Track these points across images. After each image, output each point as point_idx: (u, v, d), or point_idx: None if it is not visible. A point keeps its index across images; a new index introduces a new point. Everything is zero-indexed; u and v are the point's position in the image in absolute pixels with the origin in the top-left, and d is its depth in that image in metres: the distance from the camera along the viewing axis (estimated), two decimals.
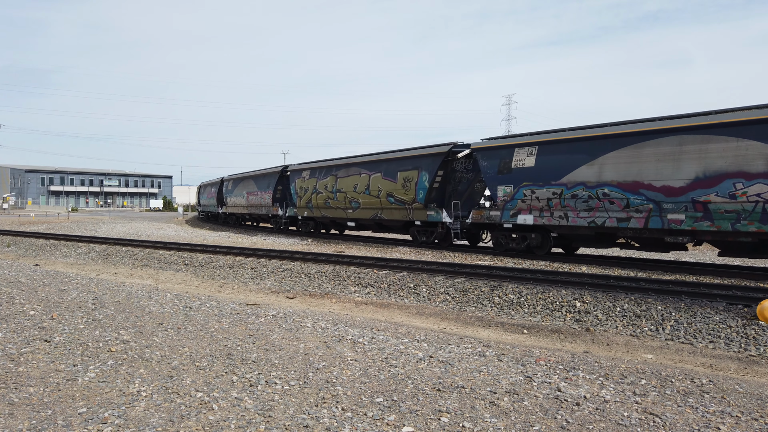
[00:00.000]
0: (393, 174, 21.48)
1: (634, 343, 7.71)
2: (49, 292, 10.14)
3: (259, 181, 33.77)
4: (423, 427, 4.09)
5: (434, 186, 19.58)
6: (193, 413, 4.26)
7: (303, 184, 27.60)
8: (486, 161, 17.81)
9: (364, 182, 23.02)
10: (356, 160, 24.10)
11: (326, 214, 25.80)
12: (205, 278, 14.46)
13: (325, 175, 25.80)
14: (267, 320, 7.93)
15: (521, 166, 16.56)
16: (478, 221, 17.99)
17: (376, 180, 22.34)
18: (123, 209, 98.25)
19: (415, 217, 20.38)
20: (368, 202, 22.70)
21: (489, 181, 17.67)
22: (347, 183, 24.04)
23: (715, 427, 4.17)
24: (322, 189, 25.71)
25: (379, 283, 12.12)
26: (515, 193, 16.66)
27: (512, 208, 16.70)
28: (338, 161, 25.38)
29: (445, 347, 6.57)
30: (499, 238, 17.52)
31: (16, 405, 4.42)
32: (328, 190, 25.29)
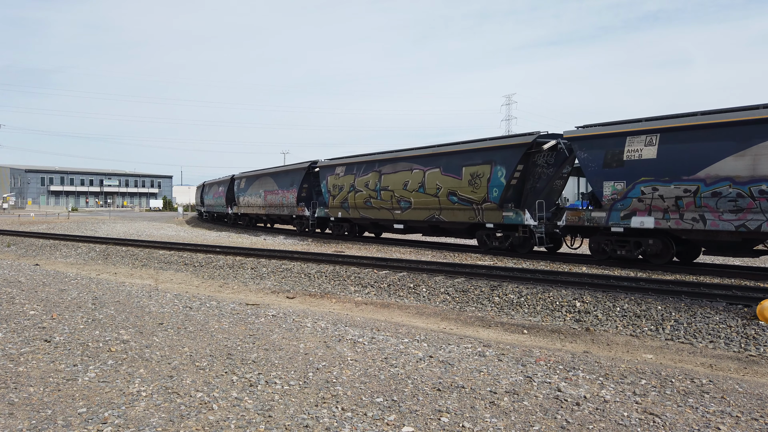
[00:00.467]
0: (456, 169, 18.62)
1: (634, 343, 7.71)
2: (49, 292, 10.14)
3: (280, 179, 30.65)
4: (423, 427, 4.09)
5: (512, 183, 17.00)
6: (193, 413, 4.26)
7: (337, 181, 24.71)
8: (586, 152, 15.04)
9: (417, 179, 20.14)
10: (407, 154, 21.20)
11: (367, 215, 22.88)
12: (205, 278, 14.46)
13: (365, 171, 22.89)
14: (267, 320, 7.93)
15: (637, 158, 13.85)
16: (574, 224, 15.35)
17: (433, 176, 19.45)
18: (123, 209, 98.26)
19: (487, 219, 17.70)
20: (422, 201, 19.94)
21: (591, 176, 14.90)
22: (395, 180, 21.16)
23: (715, 427, 4.17)
24: (362, 187, 22.90)
25: (379, 283, 12.12)
26: (629, 190, 13.98)
27: (624, 208, 14.08)
28: (383, 155, 22.57)
29: (445, 347, 6.57)
30: (601, 243, 14.90)
31: (16, 405, 4.41)
32: (369, 188, 22.44)
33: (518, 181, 17.23)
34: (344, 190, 24.19)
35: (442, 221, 19.33)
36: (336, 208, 24.91)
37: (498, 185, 17.29)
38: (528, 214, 16.53)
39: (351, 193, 23.71)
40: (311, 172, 27.84)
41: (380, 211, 22.13)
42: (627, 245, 14.41)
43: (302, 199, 28.11)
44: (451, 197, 18.80)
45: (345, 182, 24.21)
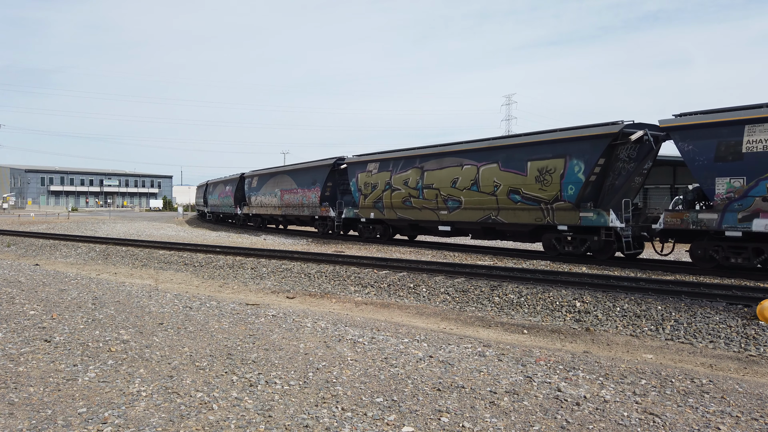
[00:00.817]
0: (519, 164, 16.56)
1: (634, 343, 7.71)
2: (49, 292, 10.14)
3: (300, 177, 28.23)
4: (423, 427, 4.09)
5: (590, 179, 14.93)
6: (193, 413, 4.26)
7: (369, 179, 22.53)
8: (690, 144, 13.23)
9: (468, 176, 18.04)
10: (456, 148, 18.97)
11: (405, 216, 20.72)
12: (205, 278, 14.46)
13: (404, 167, 20.76)
14: (267, 320, 7.93)
15: (760, 150, 12.07)
16: (675, 227, 13.51)
17: (489, 172, 17.40)
18: (123, 209, 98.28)
19: (558, 220, 15.58)
20: (476, 200, 17.85)
21: (699, 171, 13.08)
22: (441, 177, 19.09)
23: (715, 427, 4.17)
24: (400, 185, 20.80)
25: (379, 283, 12.12)
26: (750, 188, 12.25)
27: (743, 209, 12.35)
28: (426, 150, 20.42)
29: (445, 347, 6.57)
30: (709, 250, 13.22)
31: (16, 405, 4.41)
32: (409, 187, 20.34)
33: (598, 177, 15.09)
34: (378, 188, 22.09)
35: (500, 223, 17.25)
36: (367, 209, 22.80)
37: (574, 182, 15.09)
38: (613, 214, 14.45)
39: (386, 192, 21.58)
40: (337, 169, 25.58)
41: (422, 211, 19.98)
42: (744, 252, 12.70)
43: (326, 199, 25.90)
44: (513, 196, 16.74)
45: (379, 180, 22.06)
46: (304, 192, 27.62)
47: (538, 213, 16.19)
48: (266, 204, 32.29)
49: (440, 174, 19.30)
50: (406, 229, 22.28)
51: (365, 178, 22.97)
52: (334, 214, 25.18)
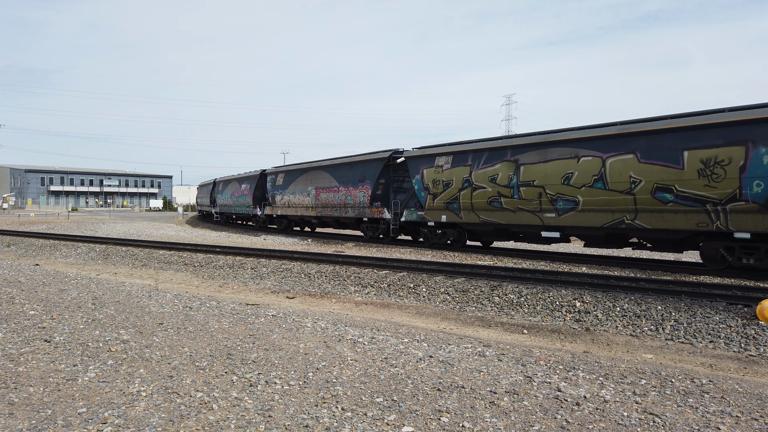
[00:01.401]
0: (670, 154, 13.26)
1: (634, 343, 7.71)
2: (49, 292, 10.14)
3: (342, 173, 24.87)
4: (423, 427, 4.09)
5: None
6: (193, 413, 4.26)
7: (438, 175, 19.32)
8: None
9: (589, 169, 14.72)
10: (568, 136, 15.48)
11: (491, 219, 17.33)
12: (205, 278, 14.46)
13: (489, 160, 17.47)
14: (267, 320, 7.93)
15: None
16: None
17: (622, 165, 14.05)
18: (123, 209, 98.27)
19: (735, 226, 12.28)
20: (601, 200, 14.55)
21: None
22: (546, 172, 15.75)
23: (715, 427, 4.17)
24: (484, 182, 17.54)
25: (379, 283, 12.12)
26: None
27: None
28: (521, 139, 17.02)
29: (445, 347, 6.57)
30: None
31: (16, 405, 4.41)
32: (498, 184, 17.10)
33: None
34: (452, 186, 18.78)
35: (639, 228, 13.81)
36: (437, 210, 19.41)
37: (763, 176, 11.87)
38: None
39: (465, 191, 18.26)
40: (391, 164, 21.99)
41: (517, 214, 16.62)
42: None
43: (377, 198, 22.39)
44: (661, 194, 13.44)
45: (453, 177, 18.77)
46: (348, 190, 24.16)
47: (700, 216, 12.86)
48: (296, 204, 28.78)
49: (545, 168, 15.87)
50: (487, 235, 18.91)
51: (433, 175, 19.56)
52: (389, 215, 21.77)
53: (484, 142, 18.33)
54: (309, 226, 30.35)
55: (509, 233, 18.04)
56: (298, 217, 29.15)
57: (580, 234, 15.88)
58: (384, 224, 22.46)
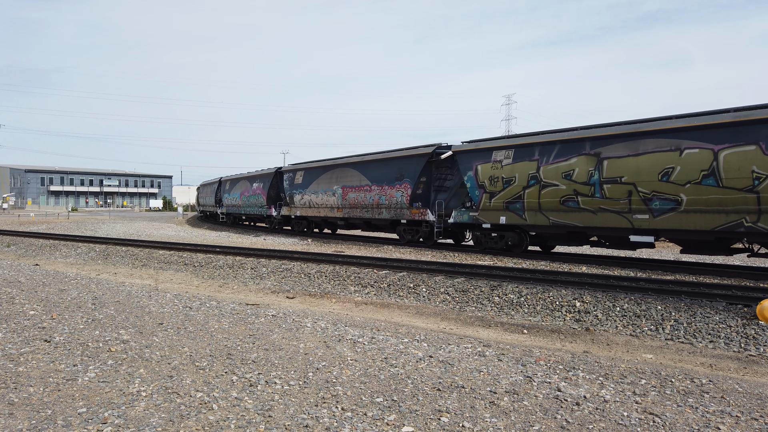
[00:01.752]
0: None
1: (634, 343, 7.71)
2: (49, 292, 10.14)
3: (375, 171, 22.77)
4: (423, 426, 4.09)
5: None
6: (193, 413, 4.26)
7: (497, 171, 17.29)
8: None
9: (696, 163, 12.81)
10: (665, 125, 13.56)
11: (565, 221, 15.29)
12: (205, 278, 14.46)
13: (562, 154, 15.41)
14: (267, 320, 7.93)
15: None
16: None
17: (740, 158, 12.16)
18: (123, 209, 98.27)
19: None
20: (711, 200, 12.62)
21: None
22: (637, 166, 13.82)
23: (715, 426, 4.17)
24: (556, 178, 15.51)
25: (379, 283, 12.12)
26: None
27: None
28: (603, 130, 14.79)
29: (445, 347, 6.57)
30: None
31: (16, 405, 4.41)
32: (574, 181, 15.03)
33: None
34: (515, 183, 16.75)
35: (763, 232, 11.97)
36: (494, 211, 17.37)
37: None
38: None
39: (531, 189, 16.19)
40: (434, 160, 20.14)
41: (598, 215, 14.51)
42: None
43: (418, 198, 20.67)
44: None
45: (516, 173, 16.71)
46: (383, 190, 22.05)
47: None
48: (318, 204, 26.55)
49: (636, 162, 13.90)
50: (557, 239, 16.90)
51: (491, 171, 17.55)
52: (432, 217, 19.82)
53: (554, 133, 16.32)
54: (333, 228, 28.34)
55: (585, 237, 16.10)
56: (320, 218, 27.03)
57: (680, 238, 13.96)
58: (426, 226, 20.48)
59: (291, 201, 29.34)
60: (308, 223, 28.95)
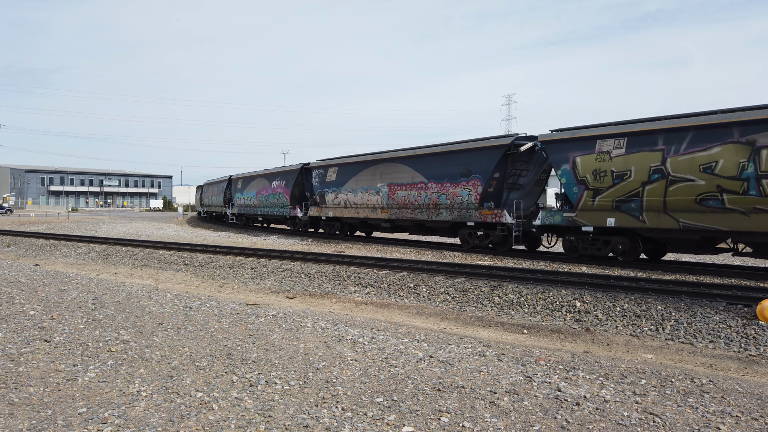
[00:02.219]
0: None
1: (634, 343, 7.71)
2: (49, 292, 10.14)
3: (431, 166, 20.01)
4: (423, 426, 4.09)
5: None
6: (193, 413, 4.26)
7: (603, 164, 14.41)
8: None
9: None
10: None
11: (700, 224, 12.63)
12: (205, 278, 14.46)
13: (697, 142, 12.73)
14: (267, 320, 7.93)
15: None
16: None
17: None
18: (123, 209, 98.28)
19: None
20: None
21: None
22: None
23: (715, 426, 4.17)
24: (689, 171, 12.77)
25: (379, 283, 12.12)
26: None
27: None
28: (758, 113, 12.05)
29: (445, 347, 6.57)
30: None
31: (16, 405, 4.42)
32: (717, 175, 12.34)
33: None
34: (630, 178, 13.89)
35: None
36: (600, 212, 14.58)
37: None
38: None
39: (654, 185, 13.38)
40: (512, 153, 17.34)
41: (752, 217, 11.93)
42: None
43: (489, 197, 17.86)
44: None
45: (632, 165, 13.87)
46: (443, 187, 19.27)
47: None
48: (356, 204, 23.45)
49: None
50: (688, 245, 14.05)
51: (594, 163, 14.74)
52: (510, 219, 17.02)
53: (685, 118, 13.41)
54: (375, 230, 24.94)
55: (716, 243, 13.62)
56: (359, 219, 23.75)
57: None
58: (502, 230, 17.49)
59: (323, 200, 25.89)
60: (342, 225, 25.48)
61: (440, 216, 19.39)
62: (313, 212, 26.74)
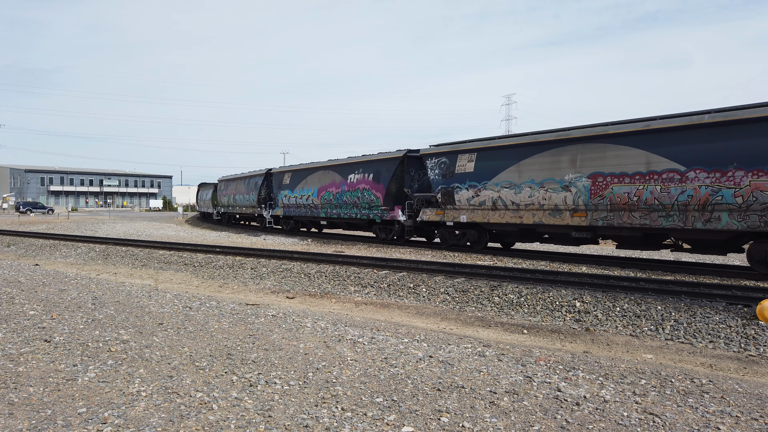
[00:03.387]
0: None
1: (633, 343, 7.71)
2: (49, 292, 10.14)
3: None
4: (423, 427, 4.09)
5: None
6: (193, 413, 4.26)
7: None
8: None
9: None
10: None
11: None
12: (204, 278, 14.46)
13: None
14: (267, 320, 7.93)
15: None
16: None
17: None
18: (123, 209, 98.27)
19: None
20: None
21: None
22: None
23: (715, 426, 4.17)
24: None
25: (379, 283, 12.12)
26: None
27: None
28: None
29: (445, 347, 6.57)
30: None
31: (15, 405, 4.41)
32: None
33: None
34: None
35: None
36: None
37: None
38: None
39: None
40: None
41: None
42: None
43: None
44: None
45: None
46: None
47: None
48: (521, 204, 16.64)
49: None
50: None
51: None
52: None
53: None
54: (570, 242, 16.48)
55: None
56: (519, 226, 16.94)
57: None
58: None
59: (447, 200, 19.44)
60: (479, 234, 18.92)
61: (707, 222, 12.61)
62: (429, 216, 19.78)
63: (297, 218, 29.69)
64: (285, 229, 30.99)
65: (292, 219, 30.27)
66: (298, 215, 29.22)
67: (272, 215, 31.93)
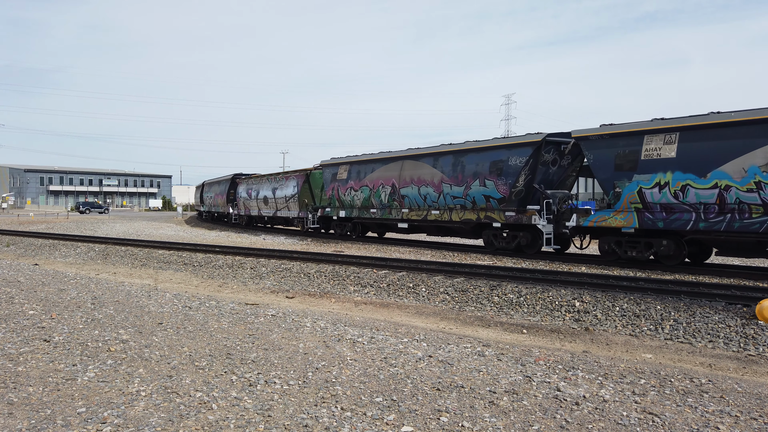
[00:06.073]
0: None
1: (633, 343, 7.71)
2: (48, 292, 10.13)
3: None
4: (422, 426, 4.09)
5: None
6: (193, 413, 4.26)
7: None
8: None
9: None
10: None
11: None
12: (204, 278, 14.46)
13: None
14: (266, 320, 7.93)
15: None
16: None
17: None
18: (122, 209, 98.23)
19: None
20: None
21: None
22: None
23: (714, 426, 4.17)
24: None
25: (379, 283, 12.12)
26: None
27: None
28: None
29: (445, 347, 6.58)
30: None
31: (15, 405, 4.41)
32: None
33: None
34: None
35: None
36: None
37: None
38: None
39: None
40: None
41: None
42: None
43: None
44: None
45: None
46: None
47: None
48: None
49: None
50: None
51: None
52: None
53: None
54: None
55: None
56: None
57: None
58: None
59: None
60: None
61: None
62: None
63: (359, 221, 23.37)
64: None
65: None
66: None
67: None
